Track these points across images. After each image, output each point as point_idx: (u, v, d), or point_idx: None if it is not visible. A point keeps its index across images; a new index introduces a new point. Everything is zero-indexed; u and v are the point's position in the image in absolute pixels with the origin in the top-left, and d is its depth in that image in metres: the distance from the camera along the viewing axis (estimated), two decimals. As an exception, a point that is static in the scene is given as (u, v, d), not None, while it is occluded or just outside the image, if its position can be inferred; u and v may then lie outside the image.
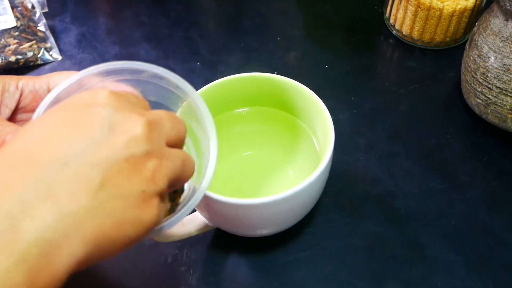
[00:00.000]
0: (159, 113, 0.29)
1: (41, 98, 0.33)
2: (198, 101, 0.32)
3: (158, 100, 0.33)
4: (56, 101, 0.32)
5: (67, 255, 0.22)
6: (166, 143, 0.28)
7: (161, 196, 0.27)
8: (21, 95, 0.35)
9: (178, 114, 0.35)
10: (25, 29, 0.63)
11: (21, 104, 0.35)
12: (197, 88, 0.45)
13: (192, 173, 0.30)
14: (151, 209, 0.26)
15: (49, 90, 0.34)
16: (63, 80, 0.33)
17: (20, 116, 0.36)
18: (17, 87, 0.35)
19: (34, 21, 0.64)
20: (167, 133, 0.28)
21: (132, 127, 0.26)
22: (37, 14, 0.64)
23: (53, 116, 0.25)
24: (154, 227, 0.27)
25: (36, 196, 0.22)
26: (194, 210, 0.43)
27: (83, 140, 0.24)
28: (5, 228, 0.21)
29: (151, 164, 0.26)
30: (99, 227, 0.23)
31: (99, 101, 0.26)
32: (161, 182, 0.26)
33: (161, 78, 0.32)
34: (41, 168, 0.23)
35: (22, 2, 0.64)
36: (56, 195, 0.22)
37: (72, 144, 0.24)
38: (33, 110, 0.33)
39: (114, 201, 0.24)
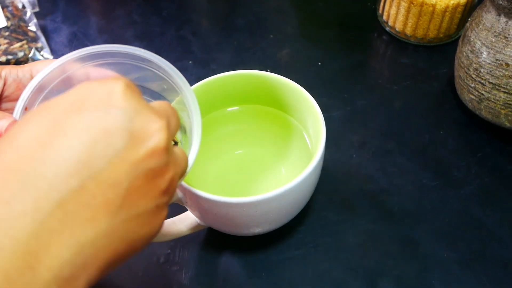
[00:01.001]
0: (166, 108, 0.27)
1: (25, 87, 0.32)
2: (181, 82, 0.32)
3: (140, 82, 0.33)
4: (40, 88, 0.32)
5: (82, 283, 0.21)
6: None
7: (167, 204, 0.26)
8: (4, 84, 0.35)
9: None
10: (16, 29, 0.62)
11: (5, 93, 0.35)
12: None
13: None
14: (159, 221, 0.25)
15: (32, 78, 0.34)
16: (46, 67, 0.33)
17: (4, 105, 0.36)
18: (0, 76, 0.34)
19: (24, 21, 0.63)
20: (174, 132, 0.27)
21: (154, 134, 0.23)
22: (28, 14, 0.64)
23: (66, 122, 0.22)
24: None
25: (52, 227, 0.20)
26: (185, 209, 0.43)
27: (101, 154, 0.22)
28: (24, 266, 0.19)
29: (168, 176, 0.24)
30: (113, 251, 0.22)
31: (117, 101, 0.23)
32: (173, 192, 0.25)
33: (142, 59, 0.32)
34: (56, 192, 0.20)
35: (13, 2, 0.63)
36: (72, 224, 0.21)
37: (89, 161, 0.21)
38: (17, 99, 0.32)
39: (129, 222, 0.23)
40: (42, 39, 0.64)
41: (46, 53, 0.63)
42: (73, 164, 0.21)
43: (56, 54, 0.64)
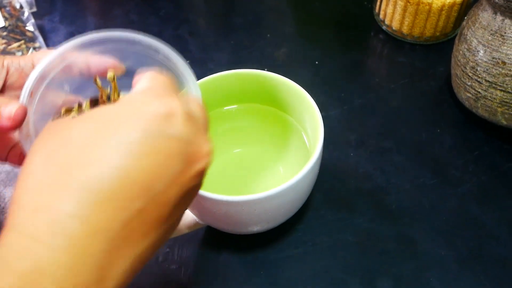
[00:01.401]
0: (206, 117, 0.29)
1: (27, 75, 0.33)
2: (184, 70, 0.32)
3: (138, 67, 0.33)
4: (42, 76, 0.32)
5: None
6: None
7: None
8: (7, 73, 0.35)
9: None
10: (14, 29, 0.62)
11: (8, 82, 0.36)
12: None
13: None
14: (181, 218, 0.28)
15: (34, 67, 0.34)
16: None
17: (8, 94, 0.36)
18: (2, 65, 0.35)
19: (22, 21, 0.63)
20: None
21: (204, 158, 0.26)
22: (26, 14, 0.64)
23: (130, 140, 0.23)
24: None
25: (118, 244, 0.22)
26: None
27: (162, 177, 0.24)
28: (97, 280, 0.22)
29: (200, 187, 0.28)
30: (153, 252, 0.25)
31: (177, 126, 0.25)
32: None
33: (143, 45, 0.32)
34: (125, 213, 0.22)
35: (10, 2, 0.63)
36: (132, 239, 0.23)
37: (153, 185, 0.23)
38: (20, 87, 0.33)
39: (168, 229, 0.26)
40: (40, 39, 0.64)
41: (44, 53, 0.63)
42: (140, 187, 0.23)
43: (53, 54, 0.63)
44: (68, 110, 0.34)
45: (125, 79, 0.33)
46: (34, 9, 0.68)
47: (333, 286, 0.43)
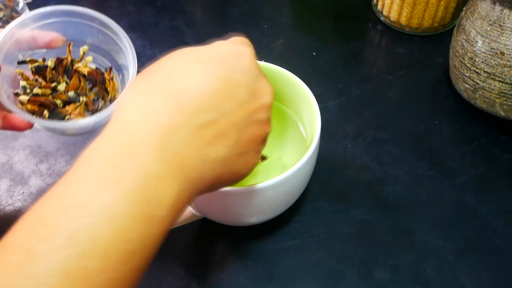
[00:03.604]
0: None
1: None
2: (115, 27, 0.40)
3: (77, 34, 0.39)
4: None
5: (201, 189, 0.28)
6: None
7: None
8: None
9: None
10: (8, 19, 0.62)
11: None
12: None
13: None
14: (253, 164, 0.32)
15: None
16: None
17: None
18: None
19: (17, 12, 0.63)
20: None
21: (265, 94, 0.31)
22: (21, 5, 0.63)
23: (212, 69, 0.29)
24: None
25: (191, 141, 0.27)
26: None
27: (231, 100, 0.29)
28: (176, 162, 0.26)
29: (267, 129, 0.32)
30: (220, 175, 0.29)
31: (244, 65, 0.31)
32: (265, 144, 0.33)
33: (85, 16, 0.39)
34: (199, 118, 0.27)
35: (5, -8, 0.63)
36: (203, 143, 0.27)
37: (222, 104, 0.28)
38: None
39: (237, 156, 0.29)
40: (35, 29, 0.63)
41: (39, 44, 0.62)
42: (213, 103, 0.28)
43: (49, 45, 0.63)
44: (32, 61, 0.41)
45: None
46: (29, 0, 0.67)
47: (330, 277, 0.43)
